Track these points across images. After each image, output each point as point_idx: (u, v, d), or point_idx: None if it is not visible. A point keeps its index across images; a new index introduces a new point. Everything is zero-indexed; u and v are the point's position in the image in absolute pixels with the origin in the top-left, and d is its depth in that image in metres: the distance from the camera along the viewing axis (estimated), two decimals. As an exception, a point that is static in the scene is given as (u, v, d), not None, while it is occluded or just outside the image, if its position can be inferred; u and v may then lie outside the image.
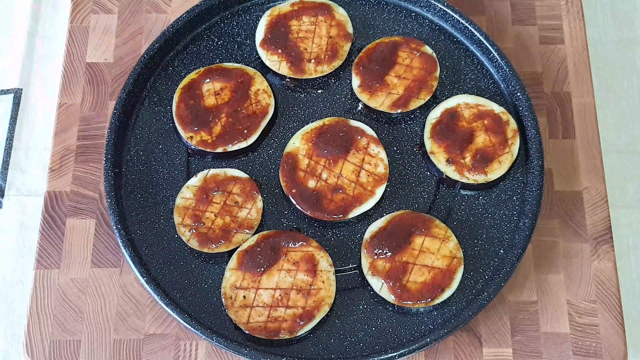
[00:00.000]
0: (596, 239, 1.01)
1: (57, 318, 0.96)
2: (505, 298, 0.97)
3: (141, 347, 0.95)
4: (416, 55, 1.07)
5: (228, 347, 0.90)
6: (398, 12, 1.12)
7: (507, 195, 1.01)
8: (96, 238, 1.00)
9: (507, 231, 0.99)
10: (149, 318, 0.96)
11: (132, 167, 1.03)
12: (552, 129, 1.07)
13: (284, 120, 1.06)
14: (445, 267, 0.94)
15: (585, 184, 1.04)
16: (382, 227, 0.97)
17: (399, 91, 1.05)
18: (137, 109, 1.06)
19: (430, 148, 1.02)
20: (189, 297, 0.96)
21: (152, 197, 1.01)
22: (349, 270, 0.98)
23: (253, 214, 0.98)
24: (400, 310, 0.95)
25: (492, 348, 0.95)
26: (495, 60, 1.07)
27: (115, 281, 0.98)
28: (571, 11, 1.14)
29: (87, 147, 1.05)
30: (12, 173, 1.09)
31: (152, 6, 1.15)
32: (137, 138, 1.04)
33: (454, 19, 1.09)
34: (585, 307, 0.97)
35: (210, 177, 1.00)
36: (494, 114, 1.03)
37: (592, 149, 1.06)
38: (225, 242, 0.97)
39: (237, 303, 0.93)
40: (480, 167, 1.00)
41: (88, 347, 0.95)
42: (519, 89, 1.04)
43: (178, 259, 0.98)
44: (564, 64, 1.11)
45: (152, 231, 0.99)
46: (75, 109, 1.07)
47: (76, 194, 1.03)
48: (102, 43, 1.12)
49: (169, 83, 1.08)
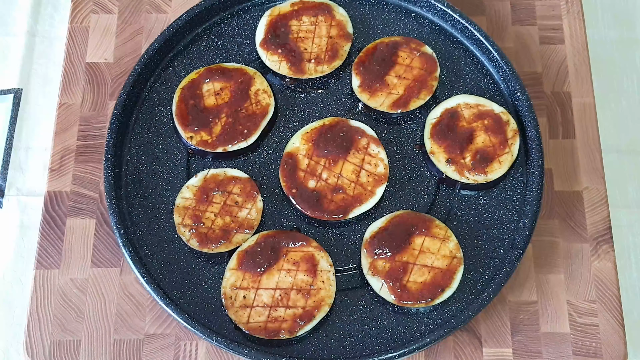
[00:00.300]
0: (596, 239, 1.01)
1: (57, 318, 0.96)
2: (505, 298, 0.97)
3: (141, 347, 0.95)
4: (416, 55, 1.07)
5: (228, 347, 0.90)
6: (398, 12, 1.12)
7: (507, 195, 1.01)
8: (96, 238, 1.00)
9: (507, 231, 0.99)
10: (149, 318, 0.96)
11: (132, 167, 1.03)
12: (552, 129, 1.07)
13: (284, 120, 1.06)
14: (445, 267, 0.94)
15: (586, 184, 1.04)
16: (382, 227, 0.97)
17: (399, 91, 1.05)
18: (137, 109, 1.06)
19: (430, 148, 1.02)
20: (189, 297, 0.96)
21: (152, 197, 1.01)
22: (349, 270, 0.98)
23: (253, 214, 0.98)
24: (400, 310, 0.95)
25: (492, 348, 0.95)
26: (495, 60, 1.07)
27: (115, 281, 0.98)
28: (571, 11, 1.14)
29: (87, 147, 1.05)
30: (12, 173, 1.09)
31: (152, 6, 1.15)
32: (137, 138, 1.04)
33: (454, 19, 1.09)
34: (585, 307, 0.97)
35: (210, 177, 1.00)
36: (494, 114, 1.03)
37: (592, 149, 1.06)
38: (225, 242, 0.97)
39: (237, 303, 0.93)
40: (481, 167, 1.00)
41: (88, 347, 0.95)
42: (519, 89, 1.04)
43: (178, 259, 0.98)
44: (564, 64, 1.11)
45: (152, 231, 0.99)
46: (75, 109, 1.07)
47: (76, 194, 1.03)
48: (102, 43, 1.12)
49: (169, 83, 1.08)
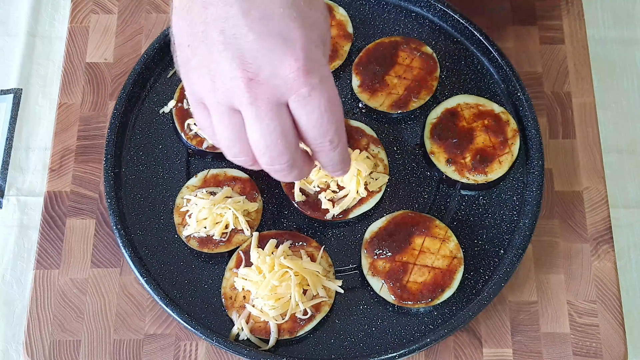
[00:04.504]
0: (596, 239, 1.01)
1: (56, 318, 0.96)
2: (505, 298, 0.97)
3: (141, 348, 0.95)
4: (416, 55, 1.07)
5: (228, 347, 0.90)
6: (398, 12, 1.12)
7: (507, 196, 1.01)
8: (96, 238, 1.00)
9: (507, 231, 0.99)
10: (149, 318, 0.96)
11: (132, 167, 1.03)
12: (552, 129, 1.07)
13: (284, 120, 1.05)
14: (445, 268, 0.94)
15: (586, 184, 1.04)
16: (382, 227, 0.97)
17: (399, 91, 1.05)
18: (137, 109, 1.06)
19: (430, 148, 1.02)
20: (189, 298, 0.96)
21: (152, 197, 1.01)
22: (349, 270, 0.98)
23: (253, 214, 0.98)
24: (400, 310, 0.95)
25: (492, 348, 0.95)
26: (495, 60, 1.07)
27: (115, 281, 0.98)
28: (571, 11, 1.14)
29: (87, 147, 1.05)
30: (12, 173, 1.09)
31: (152, 6, 1.15)
32: (137, 138, 1.04)
33: (454, 19, 1.09)
34: (585, 307, 0.97)
35: (210, 177, 1.00)
36: (494, 114, 1.03)
37: (592, 149, 1.06)
38: (225, 242, 0.96)
39: (237, 303, 0.93)
40: (481, 167, 1.00)
41: (88, 347, 0.95)
42: (519, 89, 1.04)
43: (178, 259, 0.98)
44: (564, 64, 1.11)
45: (152, 231, 0.99)
46: (75, 109, 1.07)
47: (76, 194, 1.03)
48: (102, 43, 1.12)
49: (169, 83, 1.08)
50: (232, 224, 0.95)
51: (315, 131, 0.74)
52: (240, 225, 0.96)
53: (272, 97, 0.72)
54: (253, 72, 0.70)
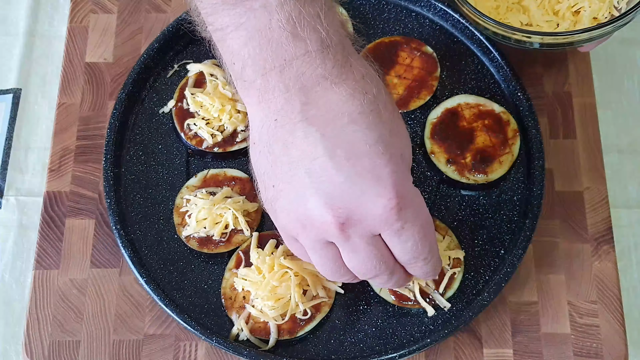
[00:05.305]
0: (597, 239, 1.00)
1: (56, 319, 0.96)
2: (505, 298, 0.97)
3: (141, 348, 0.95)
4: (416, 55, 1.06)
5: (228, 347, 0.90)
6: (398, 12, 1.12)
7: (507, 196, 1.01)
8: (95, 238, 1.00)
9: (507, 231, 0.99)
10: (149, 319, 0.96)
11: (131, 167, 1.02)
12: (552, 129, 1.07)
13: (284, 120, 1.05)
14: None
15: (586, 184, 1.04)
16: (383, 227, 0.97)
17: (399, 91, 1.05)
18: (136, 109, 1.06)
19: (430, 148, 1.02)
20: (188, 298, 0.96)
21: (152, 197, 1.01)
22: (349, 270, 0.97)
23: (253, 214, 0.98)
24: (401, 310, 0.95)
25: (492, 349, 0.95)
26: (495, 60, 1.07)
27: (115, 282, 0.98)
28: (572, 11, 1.13)
29: (87, 147, 1.05)
30: (12, 173, 1.09)
31: (152, 6, 1.14)
32: (137, 138, 1.04)
33: (455, 18, 1.09)
34: (586, 307, 0.97)
35: (210, 177, 1.00)
36: (494, 114, 1.03)
37: (593, 149, 1.05)
38: (224, 242, 0.96)
39: (236, 304, 0.93)
40: (481, 167, 1.00)
41: (87, 347, 0.94)
42: (519, 89, 1.04)
43: (178, 259, 0.98)
44: (564, 64, 1.10)
45: (152, 231, 0.99)
46: (74, 109, 1.07)
47: (75, 194, 1.02)
48: (102, 43, 1.11)
49: (169, 83, 1.07)
50: (232, 224, 0.95)
51: (409, 255, 0.75)
52: (240, 226, 0.96)
53: (365, 234, 0.72)
54: (345, 217, 0.70)
